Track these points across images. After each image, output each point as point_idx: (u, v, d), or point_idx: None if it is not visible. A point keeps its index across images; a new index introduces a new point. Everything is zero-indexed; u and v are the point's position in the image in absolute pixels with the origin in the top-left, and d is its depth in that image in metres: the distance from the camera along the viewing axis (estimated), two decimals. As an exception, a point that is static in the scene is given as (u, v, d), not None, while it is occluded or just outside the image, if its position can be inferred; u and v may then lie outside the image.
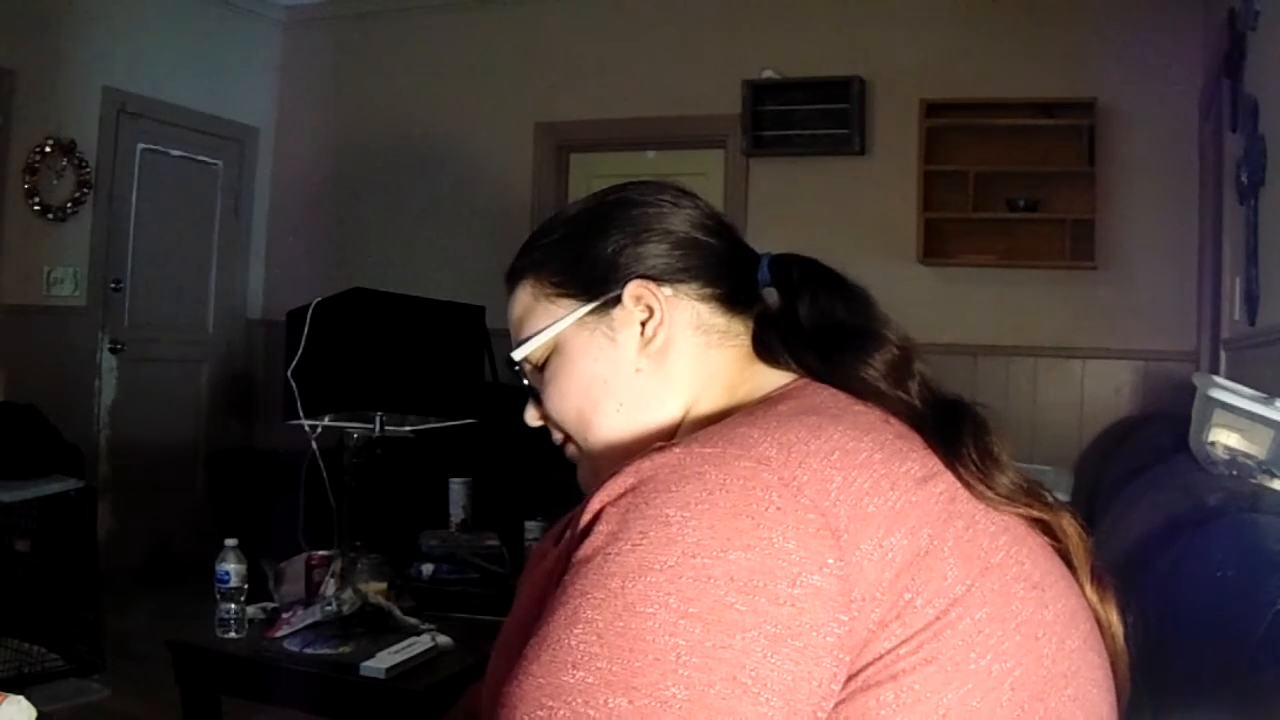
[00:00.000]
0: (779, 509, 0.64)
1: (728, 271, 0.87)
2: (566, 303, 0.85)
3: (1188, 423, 1.99)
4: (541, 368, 0.87)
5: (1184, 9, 3.94)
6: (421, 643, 2.09)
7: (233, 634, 2.20)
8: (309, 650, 2.10)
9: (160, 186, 4.98)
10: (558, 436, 0.89)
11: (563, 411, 0.86)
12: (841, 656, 0.63)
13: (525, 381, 0.90)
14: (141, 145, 4.88)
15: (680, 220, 0.87)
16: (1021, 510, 0.75)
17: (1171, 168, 4.00)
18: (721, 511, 0.64)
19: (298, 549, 2.52)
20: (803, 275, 0.87)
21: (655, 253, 0.85)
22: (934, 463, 0.74)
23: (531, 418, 0.91)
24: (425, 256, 4.99)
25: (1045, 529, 0.77)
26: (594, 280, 0.85)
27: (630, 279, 0.84)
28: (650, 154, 4.94)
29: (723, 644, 0.60)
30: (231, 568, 2.21)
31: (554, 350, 0.86)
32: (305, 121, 5.47)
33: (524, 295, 0.88)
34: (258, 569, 2.37)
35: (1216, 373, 3.00)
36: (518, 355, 0.87)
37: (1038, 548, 0.74)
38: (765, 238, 0.96)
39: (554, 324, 0.85)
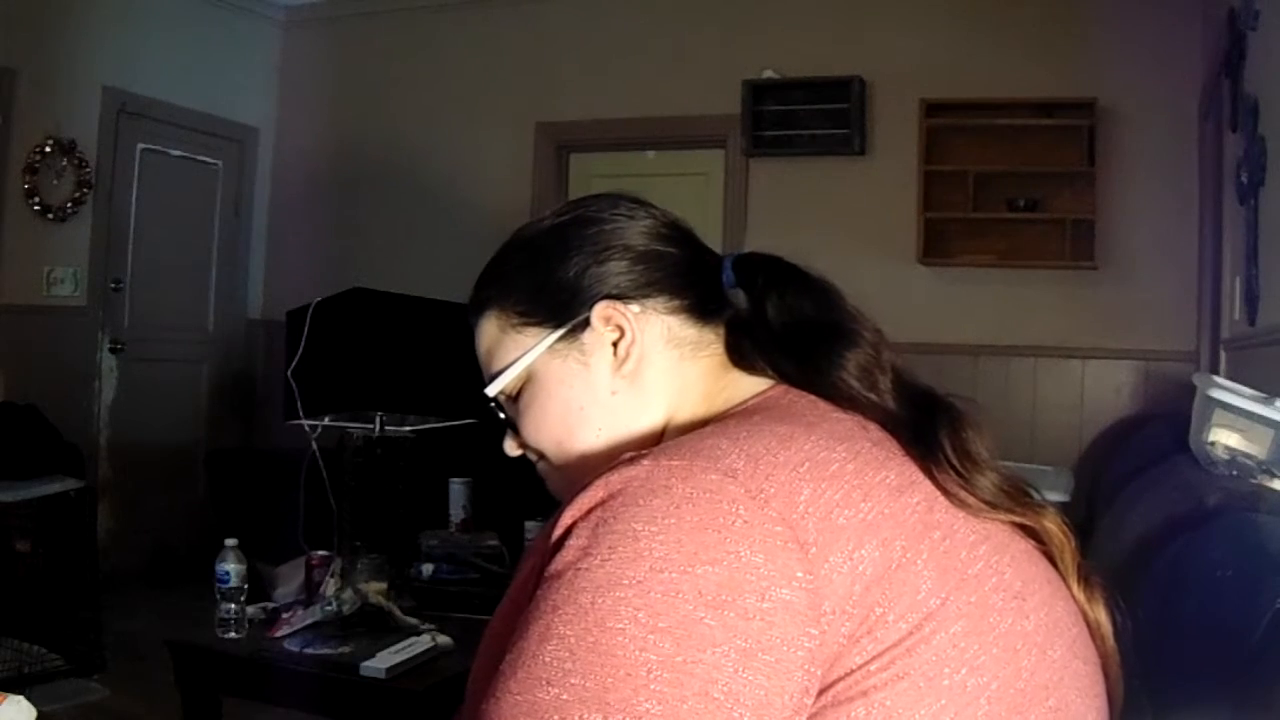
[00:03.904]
0: (746, 522, 0.63)
1: (693, 280, 0.85)
2: (534, 332, 0.84)
3: (1188, 423, 1.99)
4: (516, 398, 0.86)
5: (1184, 9, 3.94)
6: (421, 643, 2.09)
7: (233, 634, 2.20)
8: (309, 650, 2.10)
9: (160, 186, 4.98)
10: (533, 456, 0.88)
11: (540, 442, 0.85)
12: (813, 671, 0.62)
13: (501, 414, 0.89)
14: (141, 145, 4.88)
15: (638, 233, 0.85)
16: (1003, 516, 0.74)
17: (1171, 168, 4.00)
18: (688, 525, 0.63)
19: (298, 549, 2.52)
20: (766, 274, 0.86)
21: (618, 270, 0.83)
22: (912, 470, 0.72)
23: (511, 448, 0.89)
24: (425, 256, 4.98)
25: (1030, 532, 0.76)
26: (559, 306, 0.83)
27: (596, 300, 0.82)
28: (650, 154, 4.93)
29: (693, 659, 0.60)
30: (231, 568, 2.21)
31: (527, 380, 0.85)
32: (305, 121, 5.47)
33: (490, 327, 0.87)
34: (255, 572, 2.37)
35: (1216, 373, 3.00)
36: (491, 391, 0.86)
37: (1020, 554, 0.73)
38: (765, 238, 0.96)
39: (524, 355, 0.84)
